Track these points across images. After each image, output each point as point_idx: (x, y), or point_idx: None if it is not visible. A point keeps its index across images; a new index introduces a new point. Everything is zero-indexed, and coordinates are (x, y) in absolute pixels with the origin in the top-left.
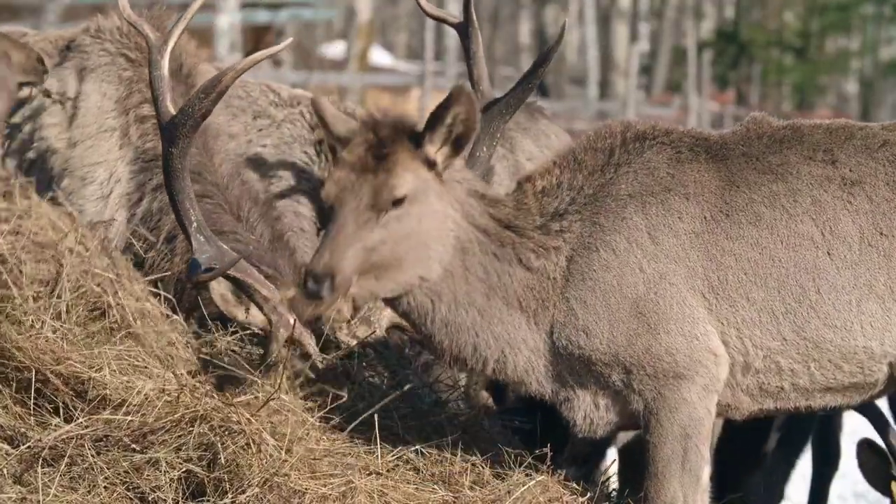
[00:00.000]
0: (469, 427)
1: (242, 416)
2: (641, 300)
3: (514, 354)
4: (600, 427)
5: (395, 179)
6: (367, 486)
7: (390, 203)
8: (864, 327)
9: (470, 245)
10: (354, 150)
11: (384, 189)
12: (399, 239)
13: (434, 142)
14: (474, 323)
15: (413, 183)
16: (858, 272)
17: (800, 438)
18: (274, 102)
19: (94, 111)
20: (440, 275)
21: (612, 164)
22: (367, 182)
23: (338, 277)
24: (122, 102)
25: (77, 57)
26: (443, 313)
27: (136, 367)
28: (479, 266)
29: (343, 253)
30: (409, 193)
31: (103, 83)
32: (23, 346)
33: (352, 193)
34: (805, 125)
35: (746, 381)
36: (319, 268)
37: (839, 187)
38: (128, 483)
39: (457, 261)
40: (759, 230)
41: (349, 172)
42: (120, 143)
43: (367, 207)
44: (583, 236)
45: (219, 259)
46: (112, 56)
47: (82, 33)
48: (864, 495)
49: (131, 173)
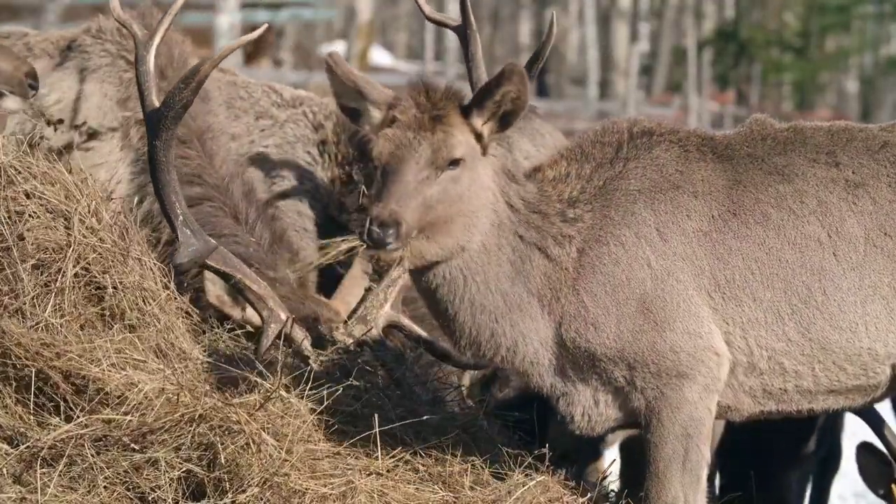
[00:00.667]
0: (468, 427)
1: (242, 416)
2: (648, 296)
3: (524, 344)
4: (598, 424)
5: (453, 139)
6: (366, 486)
7: (447, 162)
8: (869, 328)
9: (504, 222)
10: (408, 110)
11: (443, 147)
12: (453, 200)
13: (482, 115)
14: (496, 307)
15: (467, 147)
16: (864, 273)
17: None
18: (276, 103)
19: (94, 112)
20: (478, 248)
21: (621, 157)
22: (425, 139)
23: (403, 225)
24: (123, 104)
25: (78, 57)
26: (472, 293)
27: (135, 360)
28: (509, 247)
29: (407, 203)
30: (464, 156)
31: (104, 84)
32: (23, 341)
33: (410, 150)
34: (807, 127)
35: (750, 382)
36: (386, 215)
37: (844, 189)
38: (127, 483)
39: (492, 236)
40: (766, 230)
41: (405, 131)
42: (121, 145)
43: (426, 164)
44: (593, 228)
45: (205, 252)
46: (113, 57)
47: (83, 34)
48: (863, 495)
49: (132, 175)
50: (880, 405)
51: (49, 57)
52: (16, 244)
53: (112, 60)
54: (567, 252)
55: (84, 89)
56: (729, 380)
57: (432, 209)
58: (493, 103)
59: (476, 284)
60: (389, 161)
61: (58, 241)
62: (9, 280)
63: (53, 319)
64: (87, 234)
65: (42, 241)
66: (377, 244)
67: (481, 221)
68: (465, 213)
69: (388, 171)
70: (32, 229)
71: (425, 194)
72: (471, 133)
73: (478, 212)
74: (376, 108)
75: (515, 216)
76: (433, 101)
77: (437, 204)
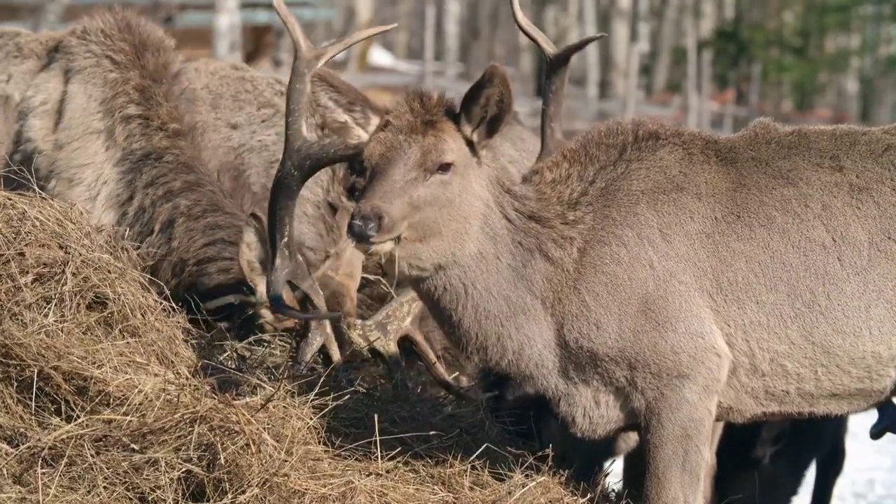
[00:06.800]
0: (469, 428)
1: (242, 417)
2: (650, 297)
3: (529, 347)
4: (599, 426)
5: (444, 144)
6: (366, 486)
7: (437, 166)
8: (873, 332)
9: (499, 232)
10: (401, 115)
11: (433, 151)
12: (442, 204)
13: (471, 122)
14: (501, 311)
15: (459, 153)
16: (868, 277)
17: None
18: (280, 92)
19: (79, 113)
20: (473, 256)
21: (624, 159)
22: (415, 142)
23: (385, 219)
24: (108, 104)
25: (63, 58)
26: (475, 299)
27: (137, 363)
28: (509, 254)
29: (391, 199)
30: (455, 162)
31: (88, 85)
32: (25, 342)
33: (399, 152)
34: (811, 131)
35: (752, 383)
36: (368, 209)
37: (847, 193)
38: (127, 483)
39: (488, 245)
40: (769, 233)
41: (397, 134)
42: (106, 145)
43: (415, 165)
44: (595, 229)
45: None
46: (97, 58)
47: (69, 35)
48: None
49: (119, 174)
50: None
51: (37, 58)
52: (14, 258)
53: (97, 61)
54: (568, 253)
55: (69, 90)
56: (731, 381)
57: (420, 210)
58: (479, 108)
59: (478, 291)
60: (379, 162)
61: (56, 258)
62: (10, 292)
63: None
64: (84, 251)
65: (41, 256)
66: (359, 238)
67: (473, 229)
68: (455, 220)
69: (376, 172)
70: (31, 244)
71: (412, 194)
72: (463, 141)
73: (469, 219)
74: (375, 114)
75: (511, 226)
76: (427, 107)
77: (426, 206)
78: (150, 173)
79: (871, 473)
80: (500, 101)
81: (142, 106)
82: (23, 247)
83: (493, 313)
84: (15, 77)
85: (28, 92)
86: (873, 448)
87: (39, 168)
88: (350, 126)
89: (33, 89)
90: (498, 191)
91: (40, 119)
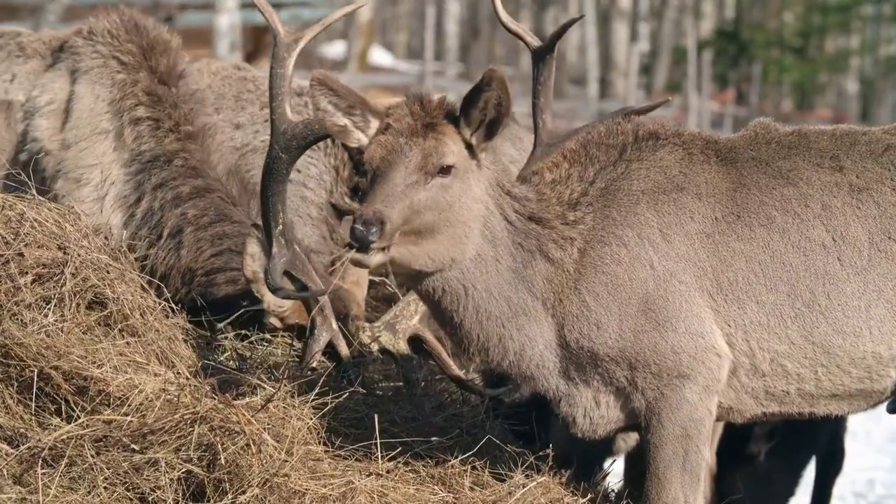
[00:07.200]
0: (469, 428)
1: (242, 417)
2: (651, 297)
3: (531, 347)
4: (600, 426)
5: (445, 147)
6: (367, 486)
7: (438, 169)
8: (873, 332)
9: (499, 235)
10: (402, 118)
11: (434, 153)
12: (442, 208)
13: (470, 126)
14: (502, 312)
15: (459, 156)
16: (868, 277)
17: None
18: None
19: (87, 113)
20: (473, 259)
21: (624, 160)
22: (416, 146)
23: (387, 224)
24: (116, 105)
25: (70, 59)
26: (476, 301)
27: (137, 363)
28: (509, 256)
29: (393, 203)
30: (455, 165)
31: (96, 85)
32: (25, 342)
33: (400, 155)
34: (811, 131)
35: (752, 384)
36: (370, 213)
37: (848, 193)
38: (128, 483)
39: (488, 248)
40: (770, 233)
41: (397, 137)
42: (114, 146)
43: (415, 169)
44: (595, 229)
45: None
46: (105, 58)
47: (75, 35)
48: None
49: (127, 175)
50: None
51: (41, 58)
52: (14, 259)
53: (104, 62)
54: (569, 254)
55: (75, 90)
56: (731, 381)
57: (420, 214)
58: (477, 111)
59: (479, 293)
60: (380, 165)
61: (55, 259)
62: (10, 293)
63: (54, 325)
64: (83, 253)
65: (40, 257)
66: (360, 242)
67: (474, 233)
68: (455, 224)
69: (377, 175)
70: (30, 245)
71: (412, 198)
72: (463, 144)
73: (469, 223)
74: (375, 117)
75: (512, 228)
76: (427, 110)
77: (426, 210)
78: (159, 176)
79: (871, 473)
80: (498, 104)
81: (151, 108)
82: (22, 248)
83: (495, 314)
84: (19, 77)
85: (33, 92)
86: (873, 448)
87: (46, 168)
88: (350, 129)
89: (39, 89)
90: (498, 193)
91: (47, 119)
